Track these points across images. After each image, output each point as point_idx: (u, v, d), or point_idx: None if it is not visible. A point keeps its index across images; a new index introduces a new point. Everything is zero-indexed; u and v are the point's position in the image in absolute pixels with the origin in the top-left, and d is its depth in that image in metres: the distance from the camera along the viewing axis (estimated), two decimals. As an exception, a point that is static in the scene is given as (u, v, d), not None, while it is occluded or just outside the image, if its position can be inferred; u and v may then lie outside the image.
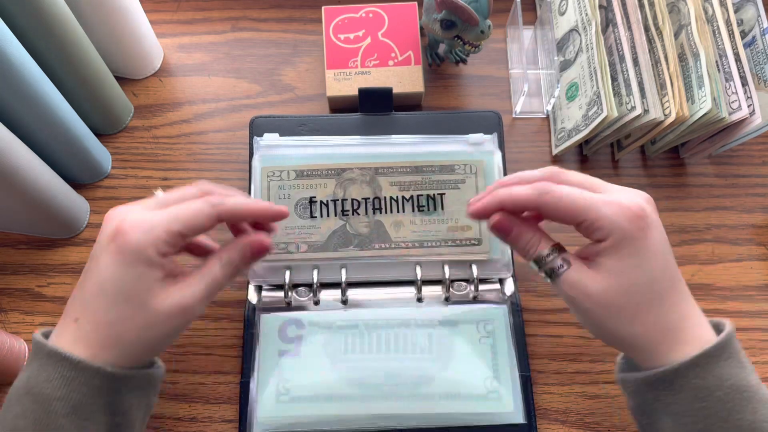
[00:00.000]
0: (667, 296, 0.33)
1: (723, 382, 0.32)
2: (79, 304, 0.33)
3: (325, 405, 0.46)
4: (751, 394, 0.32)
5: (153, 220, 0.33)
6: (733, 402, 0.31)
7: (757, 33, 0.51)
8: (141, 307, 0.33)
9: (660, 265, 0.33)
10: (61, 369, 0.32)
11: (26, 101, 0.45)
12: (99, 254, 0.33)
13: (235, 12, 0.64)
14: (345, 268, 0.50)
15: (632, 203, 0.33)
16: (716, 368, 0.32)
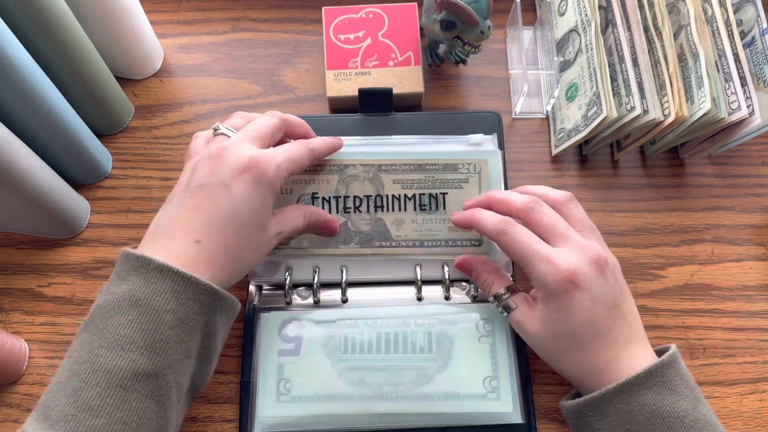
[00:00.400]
0: (590, 346, 0.38)
1: (644, 408, 0.35)
2: (201, 226, 0.35)
3: (326, 404, 0.46)
4: (673, 420, 0.35)
5: (278, 158, 0.39)
6: (654, 426, 0.35)
7: (756, 33, 0.51)
8: (261, 230, 0.38)
9: (582, 322, 0.37)
10: (172, 284, 0.33)
11: (26, 101, 0.45)
12: (229, 182, 0.36)
13: (236, 12, 0.64)
14: (345, 267, 0.50)
15: (568, 268, 0.37)
16: (640, 395, 0.36)
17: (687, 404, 0.36)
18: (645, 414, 0.35)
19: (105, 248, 0.54)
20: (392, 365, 0.47)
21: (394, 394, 0.46)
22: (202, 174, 0.37)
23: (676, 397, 0.36)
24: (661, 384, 0.36)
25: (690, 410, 0.36)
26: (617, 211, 0.56)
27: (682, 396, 0.36)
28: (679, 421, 0.35)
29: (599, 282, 0.38)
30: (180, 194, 0.38)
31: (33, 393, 0.50)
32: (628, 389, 0.36)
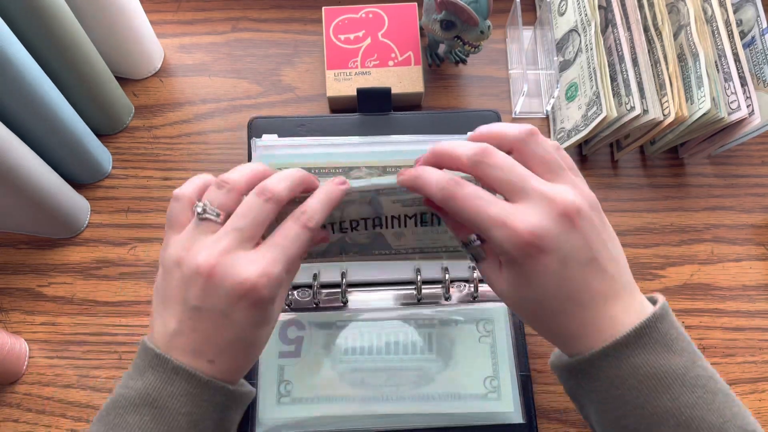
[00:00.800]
0: (563, 310, 0.33)
1: (637, 370, 0.31)
2: (210, 349, 0.34)
3: (326, 406, 0.46)
4: (671, 380, 0.31)
5: (276, 268, 0.33)
6: (649, 389, 0.31)
7: (756, 33, 0.51)
8: (272, 326, 0.36)
9: (551, 287, 0.32)
10: (188, 386, 0.33)
11: (27, 101, 0.45)
12: (227, 311, 0.33)
13: (236, 12, 0.64)
14: (345, 269, 0.50)
15: (528, 230, 0.31)
16: (630, 357, 0.31)
17: (685, 360, 0.31)
18: (638, 377, 0.31)
19: (105, 248, 0.54)
20: (393, 366, 0.47)
21: (395, 395, 0.46)
22: (195, 294, 0.33)
23: (671, 354, 0.31)
24: (654, 342, 0.31)
25: (689, 366, 0.31)
26: (617, 210, 0.56)
27: (678, 352, 0.31)
28: (678, 381, 0.31)
29: (569, 238, 0.32)
30: (176, 304, 0.34)
31: (33, 393, 0.50)
32: (616, 352, 0.31)
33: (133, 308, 0.52)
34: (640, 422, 0.31)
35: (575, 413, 0.49)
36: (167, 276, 0.34)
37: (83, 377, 0.50)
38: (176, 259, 0.34)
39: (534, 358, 0.50)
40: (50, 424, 0.49)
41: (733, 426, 0.30)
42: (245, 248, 0.33)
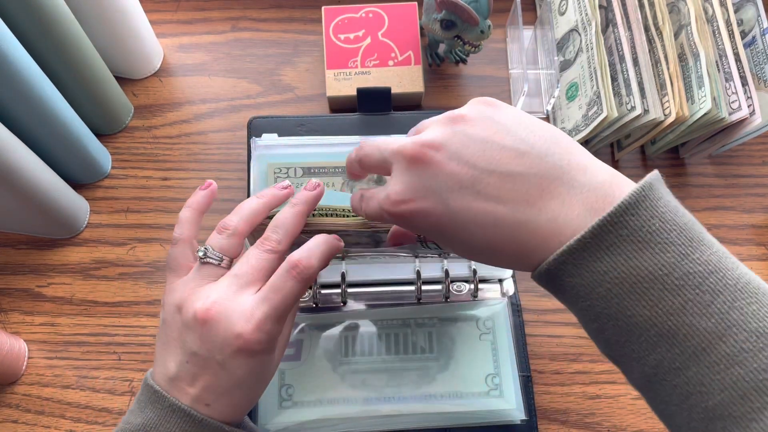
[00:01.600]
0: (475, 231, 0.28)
1: (603, 277, 0.26)
2: (208, 394, 0.34)
3: (328, 408, 0.46)
4: (649, 284, 0.25)
5: (270, 319, 0.33)
6: (620, 298, 0.25)
7: (757, 33, 0.51)
8: (271, 371, 0.36)
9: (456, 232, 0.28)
10: (183, 424, 0.33)
11: (26, 101, 0.45)
12: (223, 360, 0.33)
13: (235, 12, 0.63)
14: (345, 269, 0.50)
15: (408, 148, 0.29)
16: (593, 262, 0.26)
17: (670, 256, 0.25)
18: (605, 285, 0.26)
19: (104, 248, 0.54)
20: (394, 366, 0.47)
21: (397, 395, 0.46)
22: (193, 340, 0.33)
23: (649, 252, 0.25)
24: (623, 240, 0.25)
25: (676, 263, 0.25)
26: (618, 211, 0.56)
27: (660, 248, 0.25)
28: (659, 283, 0.25)
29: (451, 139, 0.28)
30: (176, 347, 0.34)
31: (32, 393, 0.50)
32: (573, 259, 0.26)
33: (133, 309, 0.52)
34: (618, 335, 0.26)
35: (575, 414, 0.49)
36: (168, 319, 0.35)
37: (82, 378, 0.50)
38: (177, 304, 0.34)
39: (534, 359, 0.50)
40: (49, 424, 0.49)
41: (742, 330, 0.24)
42: (243, 295, 0.33)
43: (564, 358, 0.51)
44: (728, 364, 0.24)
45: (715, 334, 0.24)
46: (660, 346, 0.25)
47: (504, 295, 0.50)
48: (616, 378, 0.50)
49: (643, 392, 0.28)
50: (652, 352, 0.25)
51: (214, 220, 0.55)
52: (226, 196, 0.56)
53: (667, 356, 0.25)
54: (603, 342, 0.28)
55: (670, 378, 0.25)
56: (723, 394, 0.24)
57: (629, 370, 0.27)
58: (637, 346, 0.26)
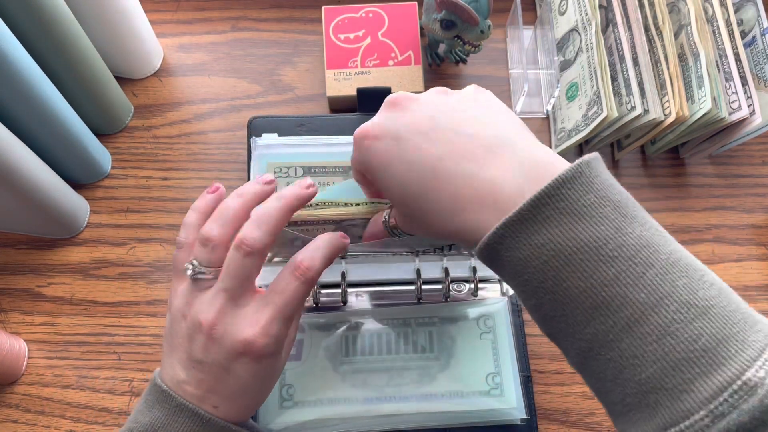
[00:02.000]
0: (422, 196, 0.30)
1: (540, 250, 0.26)
2: (215, 397, 0.34)
3: (329, 408, 0.46)
4: (584, 255, 0.25)
5: (272, 329, 0.33)
6: (556, 270, 0.26)
7: (757, 33, 0.51)
8: (277, 374, 0.36)
9: (402, 171, 0.31)
10: (191, 423, 0.33)
11: (26, 101, 0.45)
12: (228, 366, 0.33)
13: (235, 12, 0.63)
14: (345, 269, 0.50)
15: (393, 95, 0.34)
16: (531, 235, 0.26)
17: (605, 229, 0.26)
18: (542, 258, 0.26)
19: (104, 248, 0.54)
20: (394, 366, 0.47)
21: (398, 394, 0.46)
22: (198, 348, 0.34)
23: (585, 224, 0.26)
24: (560, 212, 0.26)
25: (610, 236, 0.26)
26: (618, 210, 0.56)
27: (596, 221, 0.26)
28: (594, 254, 0.25)
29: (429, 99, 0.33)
30: (183, 352, 0.34)
31: (32, 393, 0.50)
32: (510, 232, 0.27)
33: (133, 309, 0.52)
34: (555, 309, 0.27)
35: (575, 414, 0.49)
36: (174, 324, 0.35)
37: (82, 378, 0.50)
38: (182, 312, 0.35)
39: (534, 359, 0.50)
40: (49, 424, 0.49)
41: (674, 301, 0.25)
42: (240, 305, 0.33)
43: (564, 358, 0.50)
44: (660, 335, 0.24)
45: (647, 305, 0.24)
46: (595, 318, 0.25)
47: (504, 295, 0.50)
48: (616, 378, 0.50)
49: (580, 370, 0.28)
50: (587, 325, 0.26)
51: (214, 220, 0.55)
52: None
53: (601, 329, 0.25)
54: (541, 319, 0.28)
55: (604, 352, 0.25)
56: (655, 366, 0.24)
57: (567, 347, 0.28)
58: (572, 319, 0.26)
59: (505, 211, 0.27)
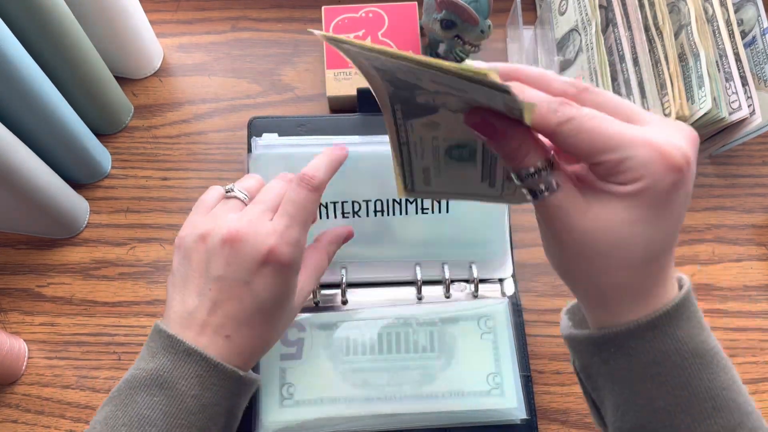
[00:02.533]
0: (656, 261, 0.28)
1: (681, 346, 0.28)
2: (229, 322, 0.34)
3: (329, 407, 0.46)
4: (709, 359, 0.28)
5: (294, 233, 0.36)
6: (692, 368, 0.28)
7: (757, 33, 0.51)
8: (290, 310, 0.37)
9: (669, 229, 0.28)
10: (198, 368, 0.33)
11: (26, 101, 0.45)
12: (249, 279, 0.34)
13: (235, 12, 0.63)
14: (345, 269, 0.50)
15: (675, 149, 0.26)
16: (675, 331, 0.28)
17: (714, 341, 0.29)
18: (681, 353, 0.28)
19: (104, 248, 0.54)
20: (395, 366, 0.47)
21: (398, 394, 0.46)
22: (219, 265, 0.35)
23: (705, 332, 0.29)
24: (691, 316, 0.29)
25: (718, 348, 0.29)
26: (618, 210, 0.56)
27: (707, 330, 0.29)
28: (715, 360, 0.28)
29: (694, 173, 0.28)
30: (199, 278, 0.35)
31: (32, 393, 0.50)
32: (663, 323, 0.28)
33: (133, 309, 0.52)
34: (678, 404, 0.28)
35: (575, 414, 0.49)
36: (188, 254, 0.36)
37: (82, 378, 0.50)
38: (201, 234, 0.36)
39: (534, 359, 0.50)
40: (49, 424, 0.49)
41: (757, 416, 0.29)
42: (267, 218, 0.36)
43: (564, 358, 0.51)
44: None
45: (746, 414, 0.28)
46: (712, 417, 0.28)
47: (504, 296, 0.50)
48: (616, 378, 0.50)
49: None
50: (701, 423, 0.28)
51: (214, 220, 0.55)
52: (226, 196, 0.56)
53: (714, 428, 0.28)
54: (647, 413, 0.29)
55: None
56: None
57: None
58: (689, 416, 0.28)
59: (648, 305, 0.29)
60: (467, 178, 0.34)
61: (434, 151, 0.33)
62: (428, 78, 0.27)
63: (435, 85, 0.28)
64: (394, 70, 0.28)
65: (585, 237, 0.28)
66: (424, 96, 0.29)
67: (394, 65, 0.27)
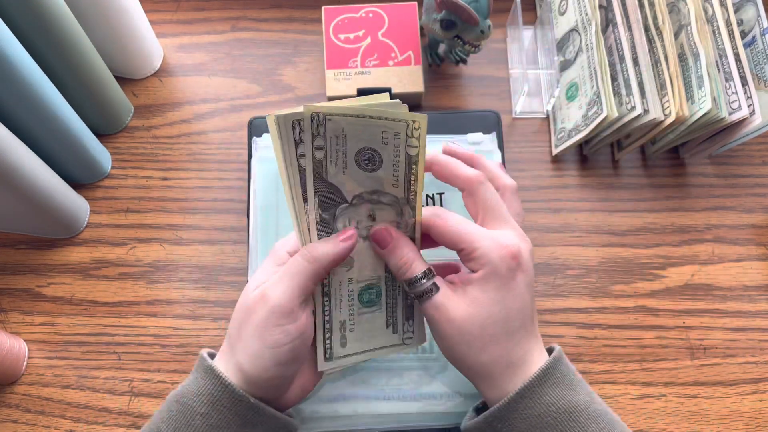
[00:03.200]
0: (516, 333, 0.36)
1: (550, 407, 0.34)
2: (242, 353, 0.36)
3: (328, 406, 0.46)
4: (578, 413, 0.34)
5: (278, 289, 0.36)
6: (564, 424, 0.34)
7: (757, 33, 0.51)
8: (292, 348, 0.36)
9: (518, 305, 0.36)
10: (212, 387, 0.34)
11: (26, 101, 0.45)
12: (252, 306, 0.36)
13: (235, 12, 0.63)
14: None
15: (511, 244, 0.35)
16: (544, 394, 0.34)
17: (584, 396, 0.35)
18: (552, 414, 0.34)
19: (104, 248, 0.54)
20: (394, 366, 0.47)
21: (397, 394, 0.46)
22: None
23: (573, 391, 0.35)
24: (559, 380, 0.35)
25: (589, 401, 0.35)
26: (618, 210, 0.56)
27: (578, 390, 0.35)
28: (584, 414, 0.34)
29: (531, 269, 0.37)
30: None
31: (32, 393, 0.50)
32: (530, 392, 0.35)
33: (133, 309, 0.52)
34: None
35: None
36: None
37: (82, 378, 0.50)
38: None
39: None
40: (49, 424, 0.49)
41: None
42: None
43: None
44: None
45: None
46: None
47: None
48: (616, 378, 0.50)
49: None
50: None
51: (214, 220, 0.56)
52: (226, 196, 0.56)
53: None
54: None
55: None
56: None
57: None
58: None
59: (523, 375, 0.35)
60: (375, 326, 0.39)
61: (350, 297, 0.38)
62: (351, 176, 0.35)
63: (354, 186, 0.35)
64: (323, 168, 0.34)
65: (462, 324, 0.35)
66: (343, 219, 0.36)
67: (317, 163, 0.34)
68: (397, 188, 0.36)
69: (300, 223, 0.36)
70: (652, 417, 0.49)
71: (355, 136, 0.34)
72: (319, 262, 0.36)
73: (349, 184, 0.35)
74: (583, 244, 0.55)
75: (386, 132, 0.34)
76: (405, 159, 0.35)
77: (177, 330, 0.52)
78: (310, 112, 0.32)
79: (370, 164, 0.35)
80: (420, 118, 0.34)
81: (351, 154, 0.34)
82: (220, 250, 0.54)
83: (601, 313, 0.53)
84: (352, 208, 0.36)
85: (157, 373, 0.50)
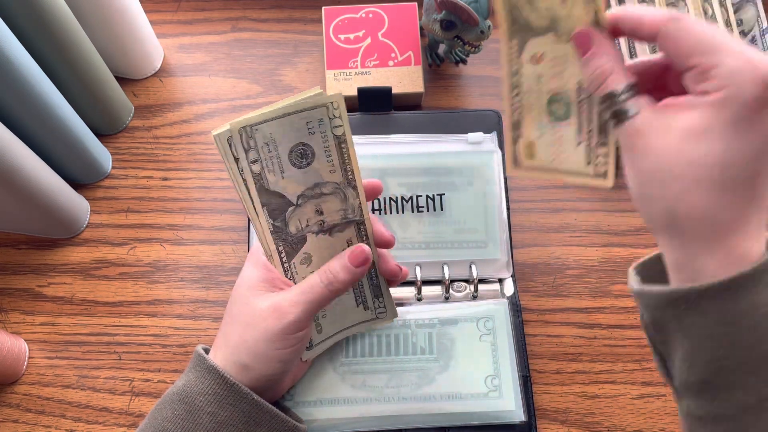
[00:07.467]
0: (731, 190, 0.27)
1: (757, 310, 0.27)
2: (245, 354, 0.37)
3: (328, 408, 0.46)
4: None
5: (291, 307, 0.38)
6: (763, 332, 0.27)
7: (756, 33, 0.51)
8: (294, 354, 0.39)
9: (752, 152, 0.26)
10: (216, 386, 0.35)
11: (26, 101, 0.45)
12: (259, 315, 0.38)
13: (235, 12, 0.64)
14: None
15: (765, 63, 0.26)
16: (752, 296, 0.27)
17: None
18: (756, 317, 0.27)
19: (105, 248, 0.54)
20: (394, 367, 0.47)
21: (397, 395, 0.46)
22: None
23: None
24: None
25: None
26: (618, 210, 0.56)
27: None
28: None
29: None
30: None
31: (32, 393, 0.50)
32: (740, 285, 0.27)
33: (133, 309, 0.52)
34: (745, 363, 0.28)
35: (575, 414, 0.49)
36: None
37: (83, 377, 0.50)
38: None
39: (534, 358, 0.50)
40: (50, 424, 0.49)
41: None
42: None
43: (564, 358, 0.51)
44: None
45: None
46: None
47: (504, 296, 0.50)
48: (616, 378, 0.50)
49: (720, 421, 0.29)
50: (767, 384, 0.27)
51: (214, 220, 0.56)
52: (226, 196, 0.56)
53: None
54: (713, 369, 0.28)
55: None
56: None
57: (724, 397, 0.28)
58: (755, 377, 0.28)
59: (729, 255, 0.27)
60: (346, 308, 0.42)
61: None
62: (290, 178, 0.36)
63: (295, 186, 0.36)
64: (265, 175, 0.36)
65: (660, 159, 0.28)
66: (294, 222, 0.37)
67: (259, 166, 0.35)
68: (335, 173, 0.37)
69: (259, 233, 0.37)
70: (652, 417, 0.49)
71: (284, 137, 0.35)
72: (337, 289, 0.38)
73: (290, 187, 0.36)
74: (583, 244, 0.55)
75: (310, 122, 0.35)
76: (334, 141, 0.36)
77: (177, 330, 0.52)
78: (237, 127, 0.34)
79: (304, 159, 0.36)
80: (335, 96, 0.34)
81: (284, 155, 0.35)
82: (220, 250, 0.54)
83: (601, 313, 0.53)
84: (299, 209, 0.37)
85: (158, 373, 0.50)
